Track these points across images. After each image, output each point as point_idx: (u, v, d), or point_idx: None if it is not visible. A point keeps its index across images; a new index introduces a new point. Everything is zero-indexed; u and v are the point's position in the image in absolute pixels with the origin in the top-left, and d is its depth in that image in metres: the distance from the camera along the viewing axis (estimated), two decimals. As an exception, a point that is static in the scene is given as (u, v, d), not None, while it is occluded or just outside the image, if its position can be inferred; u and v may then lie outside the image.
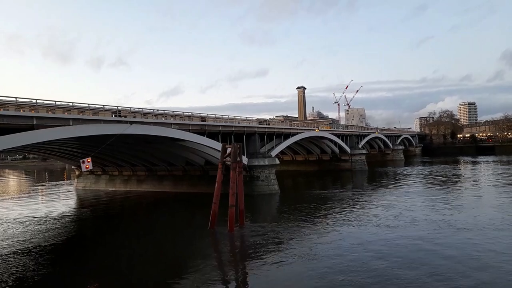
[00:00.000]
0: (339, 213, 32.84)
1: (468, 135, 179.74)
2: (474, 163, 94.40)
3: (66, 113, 31.73)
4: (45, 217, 36.43)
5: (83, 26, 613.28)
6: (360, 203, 38.31)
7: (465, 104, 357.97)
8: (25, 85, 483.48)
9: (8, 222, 34.13)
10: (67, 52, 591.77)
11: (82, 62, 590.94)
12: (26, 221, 34.38)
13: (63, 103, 32.06)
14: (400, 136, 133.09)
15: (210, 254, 23.16)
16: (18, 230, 30.63)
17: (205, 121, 45.96)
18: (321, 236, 24.97)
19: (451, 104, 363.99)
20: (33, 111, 28.62)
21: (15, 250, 24.11)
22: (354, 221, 28.95)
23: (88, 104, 34.05)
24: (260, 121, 60.21)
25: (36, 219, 35.60)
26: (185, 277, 18.11)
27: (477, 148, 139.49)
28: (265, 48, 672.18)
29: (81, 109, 33.99)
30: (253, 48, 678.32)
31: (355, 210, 34.31)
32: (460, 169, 79.45)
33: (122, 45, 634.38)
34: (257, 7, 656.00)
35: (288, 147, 69.42)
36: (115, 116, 35.87)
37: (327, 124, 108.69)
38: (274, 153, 54.53)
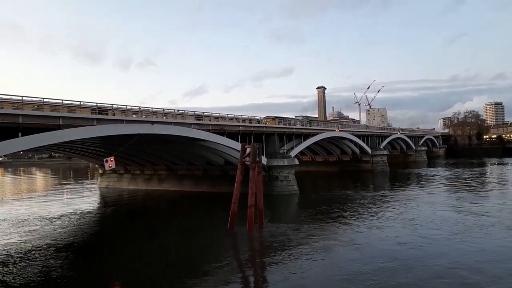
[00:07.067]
0: (360, 215, 32.41)
1: (495, 136, 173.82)
2: (501, 165, 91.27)
3: (91, 113, 32.46)
4: (70, 215, 37.46)
5: (113, 27, 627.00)
6: (381, 204, 37.71)
7: (491, 104, 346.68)
8: (55, 86, 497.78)
9: (38, 219, 35.27)
10: (96, 52, 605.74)
11: (111, 62, 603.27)
12: (52, 218, 35.43)
13: (87, 103, 32.85)
14: (423, 137, 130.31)
15: (229, 254, 23.25)
16: (46, 227, 31.60)
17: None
18: (342, 238, 24.62)
19: (479, 103, 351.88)
20: (59, 111, 29.51)
21: (41, 247, 24.92)
22: (376, 223, 28.53)
23: (111, 104, 34.78)
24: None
25: (62, 216, 36.65)
26: (204, 277, 18.16)
27: (504, 150, 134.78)
28: (292, 46, 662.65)
29: (105, 110, 34.62)
30: (280, 46, 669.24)
31: (376, 212, 33.80)
32: (486, 171, 77.07)
33: (150, 45, 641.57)
34: (287, 5, 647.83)
35: (308, 147, 68.97)
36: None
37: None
38: (293, 153, 54.32)
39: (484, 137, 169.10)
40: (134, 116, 36.81)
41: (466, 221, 27.91)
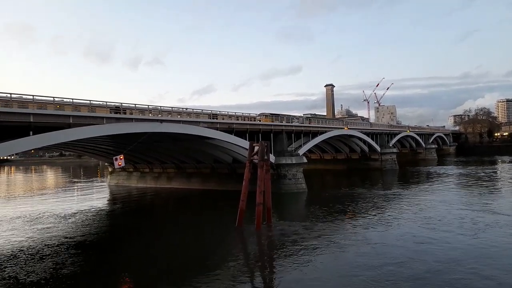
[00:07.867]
0: (372, 213, 32.18)
1: (506, 133, 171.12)
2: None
3: (109, 112, 32.57)
4: (82, 212, 37.95)
5: (122, 27, 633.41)
6: (393, 203, 37.42)
7: (503, 101, 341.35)
8: (64, 85, 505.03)
9: (52, 216, 35.79)
10: (106, 52, 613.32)
11: (120, 61, 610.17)
12: (66, 216, 35.94)
13: (98, 102, 33.12)
14: (433, 134, 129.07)
15: (237, 252, 23.26)
16: (59, 224, 32.07)
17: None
18: (355, 237, 24.41)
19: (490, 101, 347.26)
20: (69, 110, 29.86)
21: (54, 244, 25.31)
22: (390, 222, 28.29)
23: (121, 103, 35.00)
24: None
25: (75, 214, 37.15)
26: (212, 275, 18.19)
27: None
28: (300, 45, 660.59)
29: (122, 109, 34.61)
30: (288, 45, 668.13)
31: (389, 210, 33.55)
32: (498, 169, 76.00)
33: (159, 45, 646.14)
34: (295, 4, 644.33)
35: (316, 145, 68.79)
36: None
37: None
38: (301, 151, 54.23)
39: (496, 134, 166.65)
40: (150, 115, 37.07)
41: (485, 220, 27.33)
